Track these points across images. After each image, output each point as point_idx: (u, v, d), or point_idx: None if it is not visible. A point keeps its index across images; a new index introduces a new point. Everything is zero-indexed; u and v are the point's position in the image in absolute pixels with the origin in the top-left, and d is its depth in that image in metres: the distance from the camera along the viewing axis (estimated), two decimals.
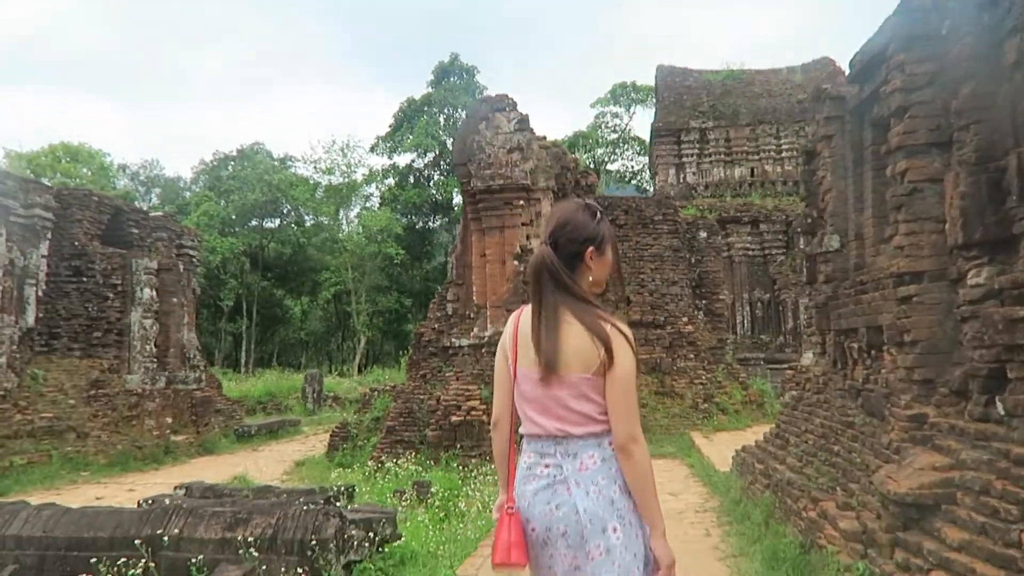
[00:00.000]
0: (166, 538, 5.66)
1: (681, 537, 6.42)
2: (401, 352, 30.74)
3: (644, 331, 13.22)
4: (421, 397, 12.47)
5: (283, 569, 5.75)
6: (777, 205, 27.61)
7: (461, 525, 7.75)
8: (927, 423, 4.30)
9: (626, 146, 47.35)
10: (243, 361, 44.82)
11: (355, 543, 6.12)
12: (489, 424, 3.07)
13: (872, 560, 3.91)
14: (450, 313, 13.16)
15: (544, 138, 13.49)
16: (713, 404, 12.23)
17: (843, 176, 6.27)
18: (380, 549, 6.53)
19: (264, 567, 5.75)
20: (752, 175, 29.16)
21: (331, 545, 5.84)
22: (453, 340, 12.76)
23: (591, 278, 2.15)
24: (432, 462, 11.23)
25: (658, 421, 12.02)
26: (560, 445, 2.08)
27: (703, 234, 14.63)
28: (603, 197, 14.98)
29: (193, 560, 5.59)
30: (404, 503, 8.74)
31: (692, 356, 12.83)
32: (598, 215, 2.17)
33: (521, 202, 12.43)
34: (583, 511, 2.01)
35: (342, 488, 8.58)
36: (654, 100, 32.08)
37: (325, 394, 27.18)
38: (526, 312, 2.16)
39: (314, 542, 5.79)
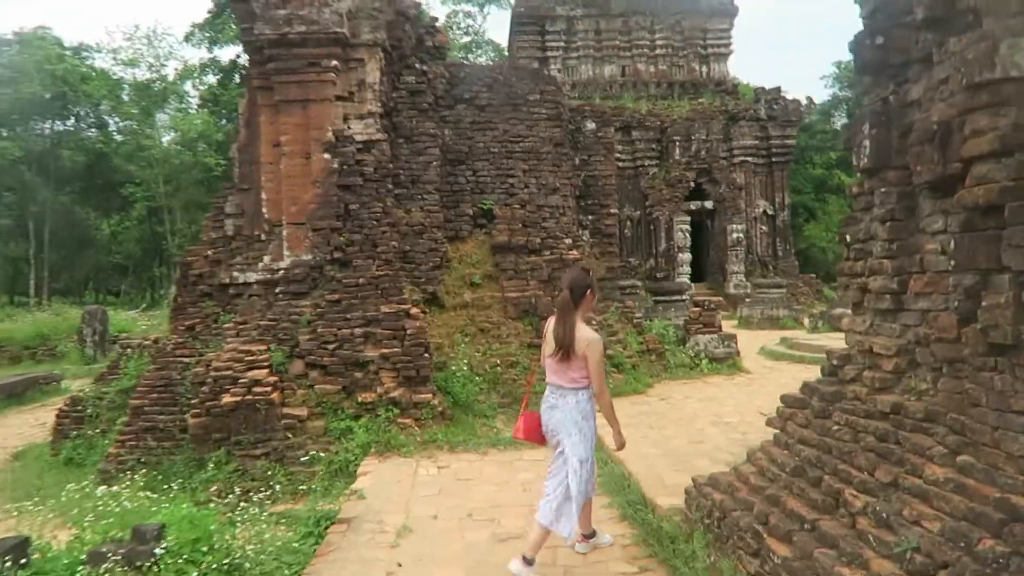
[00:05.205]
0: None
1: None
2: None
3: (513, 258, 9.41)
4: (186, 360, 8.22)
5: None
6: (651, 109, 24.56)
7: None
8: None
9: (480, 51, 43.26)
10: (33, 291, 37.53)
11: None
12: (279, 406, 7.42)
13: None
14: (231, 234, 8.81)
15: None
16: (605, 359, 8.86)
17: None
18: None
19: None
20: (623, 74, 25.88)
21: None
22: (235, 274, 8.48)
23: (591, 304, 4.57)
24: (195, 466, 7.18)
25: (533, 387, 8.41)
26: (560, 391, 4.40)
27: (590, 125, 11.01)
28: (459, 65, 10.93)
29: None
30: None
31: None
32: (590, 273, 4.61)
33: (335, 62, 8.12)
34: (566, 420, 4.36)
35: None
36: None
37: (113, 335, 21.72)
38: (551, 321, 4.48)
39: None
